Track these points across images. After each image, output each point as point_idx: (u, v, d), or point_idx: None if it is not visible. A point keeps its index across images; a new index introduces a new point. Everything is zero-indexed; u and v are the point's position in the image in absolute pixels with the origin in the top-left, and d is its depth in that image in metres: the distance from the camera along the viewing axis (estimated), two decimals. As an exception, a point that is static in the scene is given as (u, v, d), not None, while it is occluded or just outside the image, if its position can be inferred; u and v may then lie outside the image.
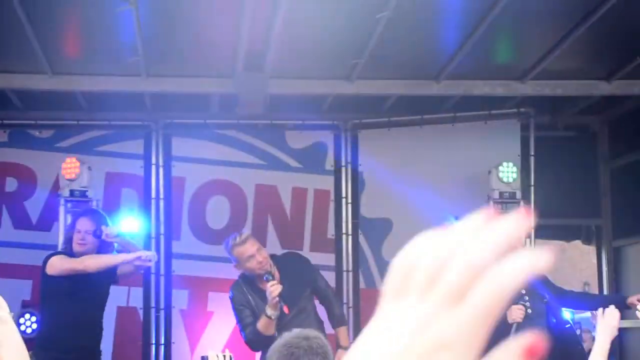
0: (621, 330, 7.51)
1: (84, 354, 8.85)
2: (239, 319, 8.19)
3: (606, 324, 5.96)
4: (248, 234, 8.35)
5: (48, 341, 8.76)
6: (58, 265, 8.70)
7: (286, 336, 4.34)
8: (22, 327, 9.04)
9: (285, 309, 8.05)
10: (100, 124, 10.39)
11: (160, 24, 7.74)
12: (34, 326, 9.26)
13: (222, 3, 7.22)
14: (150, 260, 8.21)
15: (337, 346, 8.30)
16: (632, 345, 8.92)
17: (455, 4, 7.59)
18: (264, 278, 7.98)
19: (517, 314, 7.66)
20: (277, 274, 8.21)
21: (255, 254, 8.08)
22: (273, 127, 10.47)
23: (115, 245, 8.34)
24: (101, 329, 8.80)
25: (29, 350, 3.44)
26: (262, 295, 8.10)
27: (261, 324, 7.97)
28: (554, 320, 8.28)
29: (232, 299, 8.43)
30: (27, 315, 9.64)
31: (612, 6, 7.01)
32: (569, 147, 10.55)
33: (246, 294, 8.24)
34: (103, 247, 8.93)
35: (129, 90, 9.18)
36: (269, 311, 7.93)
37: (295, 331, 4.57)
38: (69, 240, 8.84)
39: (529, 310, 7.82)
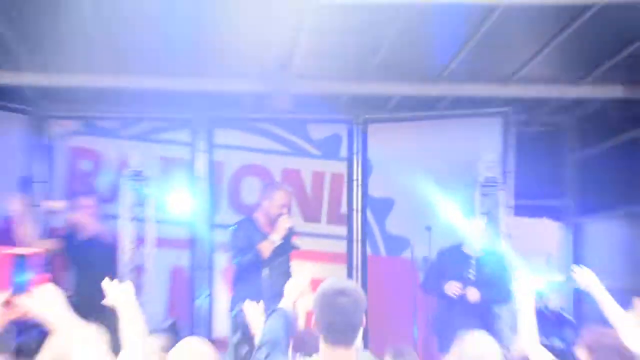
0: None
1: None
2: (234, 244, 8.57)
3: (525, 290, 5.59)
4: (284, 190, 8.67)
5: None
6: None
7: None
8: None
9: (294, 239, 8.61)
10: (156, 116, 10.53)
11: (205, 32, 7.75)
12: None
13: (257, 16, 7.16)
14: None
15: None
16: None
17: (451, 22, 7.51)
18: (281, 214, 8.23)
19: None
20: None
21: (284, 203, 8.40)
22: (297, 121, 10.56)
23: None
24: None
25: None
26: (262, 235, 8.39)
27: (263, 246, 8.17)
28: None
29: (236, 230, 8.71)
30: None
31: (581, 23, 7.13)
32: (543, 141, 10.69)
33: (248, 230, 8.41)
34: None
35: (180, 89, 9.30)
36: (275, 236, 8.17)
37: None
38: None
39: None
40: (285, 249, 8.46)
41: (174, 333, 7.81)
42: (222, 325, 9.93)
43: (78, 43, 7.83)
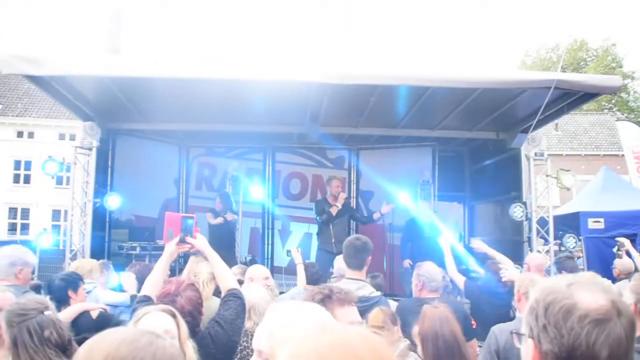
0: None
1: None
2: (318, 212, 8.82)
3: (445, 242, 5.94)
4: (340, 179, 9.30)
5: None
6: None
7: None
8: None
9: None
10: (244, 145, 11.01)
11: (272, 101, 7.55)
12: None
13: (299, 90, 6.99)
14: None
15: None
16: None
17: (404, 95, 7.54)
18: (339, 194, 8.70)
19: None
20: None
21: (339, 185, 8.86)
22: (321, 148, 10.97)
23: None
24: None
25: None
26: (330, 205, 8.70)
27: (333, 209, 8.62)
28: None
29: (317, 202, 9.15)
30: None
31: (472, 98, 7.38)
32: (453, 160, 10.88)
33: (324, 203, 8.81)
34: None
35: (258, 131, 9.39)
36: (338, 204, 8.58)
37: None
38: None
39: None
40: (344, 212, 8.92)
41: (253, 262, 8.15)
42: (278, 260, 10.45)
43: (204, 108, 8.17)
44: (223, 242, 8.73)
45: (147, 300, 3.01)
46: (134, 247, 8.59)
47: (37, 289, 6.05)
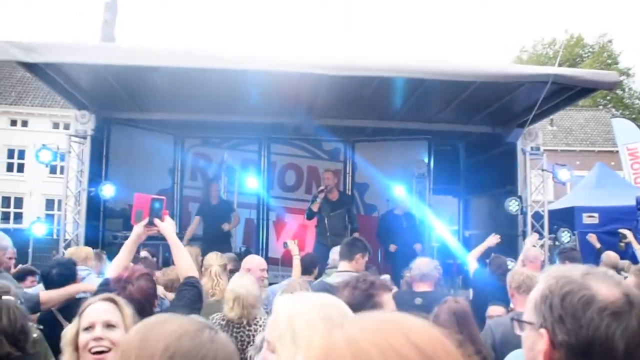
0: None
1: None
2: (311, 203, 8.74)
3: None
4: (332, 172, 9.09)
5: None
6: None
7: None
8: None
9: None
10: (240, 136, 11.01)
11: (271, 92, 7.60)
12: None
13: (296, 82, 7.01)
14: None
15: None
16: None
17: (400, 87, 7.58)
18: (327, 188, 8.58)
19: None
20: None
21: (329, 177, 8.66)
22: (316, 140, 10.96)
23: None
24: None
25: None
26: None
27: (314, 205, 8.52)
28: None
29: (313, 196, 8.95)
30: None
31: (469, 92, 7.38)
32: (448, 154, 10.95)
33: (317, 196, 8.64)
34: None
35: (253, 122, 9.35)
36: (319, 198, 8.50)
37: None
38: None
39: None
40: (339, 206, 8.80)
41: (248, 253, 7.98)
42: (272, 252, 10.39)
43: (201, 99, 8.11)
44: (219, 232, 8.77)
45: (107, 283, 3.01)
46: (128, 236, 8.36)
47: (30, 274, 6.07)
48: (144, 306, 2.85)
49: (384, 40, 70.81)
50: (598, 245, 7.94)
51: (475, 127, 9.21)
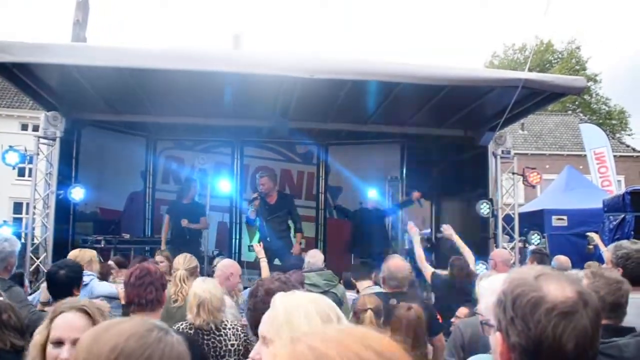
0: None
1: None
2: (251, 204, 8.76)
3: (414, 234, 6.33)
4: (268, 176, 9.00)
5: None
6: None
7: None
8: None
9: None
10: (213, 139, 10.94)
11: (242, 96, 7.64)
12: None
13: (269, 86, 7.02)
14: None
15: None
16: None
17: (374, 91, 7.51)
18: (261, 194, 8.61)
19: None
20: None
21: (266, 183, 8.65)
22: (289, 143, 11.06)
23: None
24: None
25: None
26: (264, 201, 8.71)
27: (251, 213, 8.53)
28: None
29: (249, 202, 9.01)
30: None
31: (441, 95, 7.49)
32: (421, 156, 10.61)
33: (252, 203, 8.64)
34: None
35: (226, 125, 9.39)
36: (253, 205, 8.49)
37: None
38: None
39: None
40: (278, 209, 8.76)
41: (221, 257, 8.07)
42: (245, 255, 10.29)
43: (174, 101, 8.21)
44: (186, 233, 8.59)
45: None
46: (99, 240, 8.37)
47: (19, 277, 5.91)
48: None
49: (383, 40, 72.46)
50: (602, 245, 7.58)
51: (448, 131, 9.24)
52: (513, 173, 8.48)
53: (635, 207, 7.98)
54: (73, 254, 5.16)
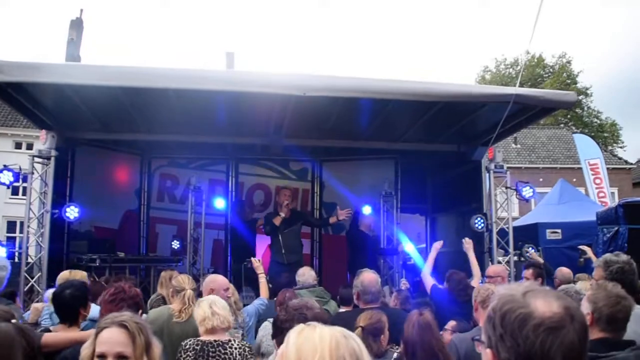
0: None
1: None
2: (265, 224, 9.01)
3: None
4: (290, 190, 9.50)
5: None
6: None
7: None
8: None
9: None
10: (207, 157, 10.94)
11: (238, 113, 7.60)
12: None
13: (264, 103, 7.06)
14: None
15: None
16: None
17: (366, 108, 7.51)
18: (284, 203, 8.85)
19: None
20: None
21: (286, 194, 8.97)
22: (284, 160, 11.09)
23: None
24: None
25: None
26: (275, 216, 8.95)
27: (276, 219, 8.74)
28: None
29: (266, 216, 9.21)
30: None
31: (434, 111, 7.54)
32: (415, 172, 10.82)
33: (271, 215, 8.97)
34: None
35: (221, 142, 9.47)
36: (282, 214, 8.74)
37: None
38: None
39: None
40: (294, 220, 8.99)
41: (215, 273, 7.89)
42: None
43: (167, 119, 8.15)
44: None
45: None
46: (94, 259, 8.28)
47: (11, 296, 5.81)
48: None
49: (384, 39, 73.01)
50: (595, 258, 7.46)
51: (441, 146, 9.25)
52: (506, 187, 8.45)
53: (628, 219, 8.03)
54: (63, 276, 5.09)
